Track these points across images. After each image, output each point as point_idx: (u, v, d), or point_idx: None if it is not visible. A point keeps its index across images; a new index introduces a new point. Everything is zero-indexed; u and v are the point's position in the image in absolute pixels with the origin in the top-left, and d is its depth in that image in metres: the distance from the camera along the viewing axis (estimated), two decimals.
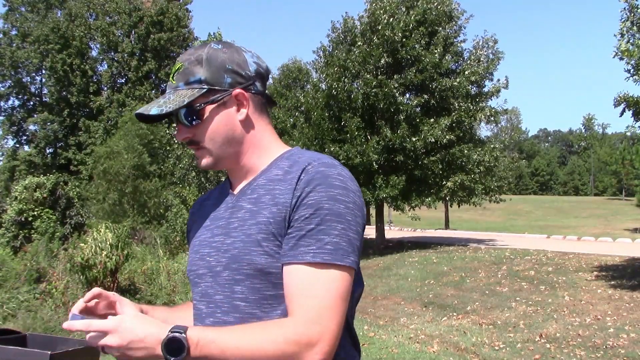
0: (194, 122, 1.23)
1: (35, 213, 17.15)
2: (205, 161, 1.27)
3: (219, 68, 1.23)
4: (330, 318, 1.09)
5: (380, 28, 16.48)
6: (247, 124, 1.27)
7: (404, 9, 17.08)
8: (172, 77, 1.25)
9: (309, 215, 1.12)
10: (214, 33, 21.69)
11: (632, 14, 9.79)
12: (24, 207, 17.13)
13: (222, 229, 1.25)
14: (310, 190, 1.14)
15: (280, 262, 1.15)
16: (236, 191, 1.29)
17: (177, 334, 1.03)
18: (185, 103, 1.19)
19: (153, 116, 1.23)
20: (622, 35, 9.87)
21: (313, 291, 1.09)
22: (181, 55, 1.27)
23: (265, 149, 1.29)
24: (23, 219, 17.10)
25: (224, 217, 1.27)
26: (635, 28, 9.78)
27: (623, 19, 9.91)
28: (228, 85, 1.24)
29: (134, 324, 1.05)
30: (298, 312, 1.09)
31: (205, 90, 1.22)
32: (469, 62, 17.59)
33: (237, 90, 1.24)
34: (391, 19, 16.44)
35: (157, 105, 1.21)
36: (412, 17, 16.50)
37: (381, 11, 16.70)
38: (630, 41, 9.78)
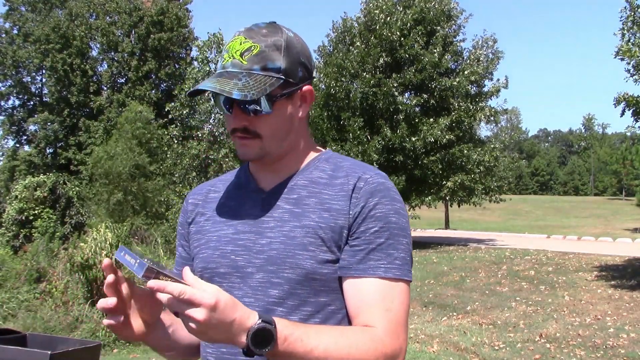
0: (261, 113, 1.12)
1: (36, 212, 17.15)
2: (253, 152, 1.16)
3: (295, 60, 1.15)
4: (404, 332, 1.10)
5: (377, 27, 16.49)
6: (301, 121, 1.21)
7: (400, 9, 17.09)
8: (241, 56, 1.11)
9: (379, 229, 1.11)
10: (214, 33, 21.66)
11: (633, 13, 9.79)
12: (25, 205, 17.13)
13: (252, 227, 1.17)
14: (377, 203, 1.12)
15: (341, 274, 1.11)
16: (267, 188, 1.21)
17: (267, 325, 0.95)
18: (267, 92, 1.10)
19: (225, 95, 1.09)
20: (623, 35, 9.88)
21: (389, 304, 1.09)
22: (247, 32, 1.14)
23: (305, 148, 1.24)
24: (23, 218, 17.10)
25: (251, 215, 1.18)
26: (635, 27, 9.79)
27: (623, 18, 9.92)
28: (299, 80, 1.16)
29: (229, 304, 0.93)
30: (381, 324, 1.07)
31: (282, 81, 1.12)
32: (468, 61, 17.60)
33: (307, 87, 1.18)
34: (388, 18, 16.44)
35: (237, 89, 1.08)
36: (410, 16, 16.50)
37: (377, 11, 16.71)
38: (631, 41, 9.79)
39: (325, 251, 1.10)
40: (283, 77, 1.12)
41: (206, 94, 1.19)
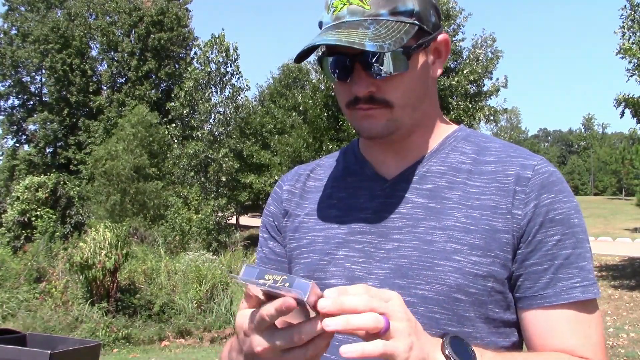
0: (391, 72, 0.85)
1: (38, 213, 17.14)
2: (381, 126, 0.89)
3: (426, 0, 0.90)
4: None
5: None
6: (433, 84, 0.95)
7: None
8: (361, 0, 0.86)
9: (562, 236, 0.86)
10: (218, 34, 21.75)
11: (633, 12, 9.82)
12: (27, 207, 17.10)
13: (372, 227, 0.91)
14: (554, 200, 0.87)
15: (523, 306, 0.87)
16: (389, 175, 0.95)
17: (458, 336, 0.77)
18: (404, 42, 0.84)
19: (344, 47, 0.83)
20: (624, 33, 9.90)
21: (587, 330, 0.85)
22: None
23: (436, 120, 0.98)
24: (26, 220, 17.08)
25: (368, 209, 0.92)
26: (636, 26, 9.81)
27: (624, 17, 9.94)
28: (432, 27, 0.90)
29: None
30: (586, 354, 0.84)
31: (417, 28, 0.87)
32: (467, 61, 17.60)
33: (443, 36, 0.93)
34: None
35: (368, 39, 0.81)
36: None
37: None
38: (632, 39, 9.82)
39: (475, 262, 0.84)
40: (417, 22, 0.87)
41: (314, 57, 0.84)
